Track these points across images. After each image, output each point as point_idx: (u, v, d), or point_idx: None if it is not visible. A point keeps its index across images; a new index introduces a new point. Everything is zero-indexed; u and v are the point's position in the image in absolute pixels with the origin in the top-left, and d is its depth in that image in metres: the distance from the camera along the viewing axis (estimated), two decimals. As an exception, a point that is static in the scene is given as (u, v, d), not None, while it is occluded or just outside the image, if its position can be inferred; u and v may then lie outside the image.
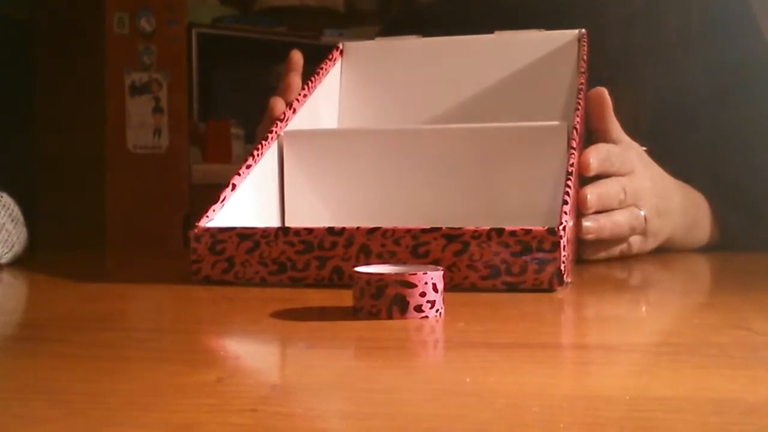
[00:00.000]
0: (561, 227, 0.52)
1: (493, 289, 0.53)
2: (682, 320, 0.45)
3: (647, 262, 0.72)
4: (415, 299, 0.44)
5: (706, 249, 0.82)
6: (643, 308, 0.49)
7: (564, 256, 0.52)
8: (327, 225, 0.57)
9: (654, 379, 0.32)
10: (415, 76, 0.82)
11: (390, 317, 0.44)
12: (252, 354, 0.40)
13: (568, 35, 0.78)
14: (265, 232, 0.57)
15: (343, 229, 0.55)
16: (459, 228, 0.53)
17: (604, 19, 0.91)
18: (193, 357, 0.38)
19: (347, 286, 0.48)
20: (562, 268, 0.52)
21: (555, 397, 0.30)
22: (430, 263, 0.53)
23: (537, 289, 0.52)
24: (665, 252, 0.76)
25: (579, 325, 0.45)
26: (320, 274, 0.56)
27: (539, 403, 0.29)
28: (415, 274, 0.44)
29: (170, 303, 0.55)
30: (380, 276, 0.45)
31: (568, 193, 0.56)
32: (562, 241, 0.52)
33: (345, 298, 0.49)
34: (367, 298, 0.45)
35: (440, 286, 0.45)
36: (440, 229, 0.53)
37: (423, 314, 0.44)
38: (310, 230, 0.56)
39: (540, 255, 0.52)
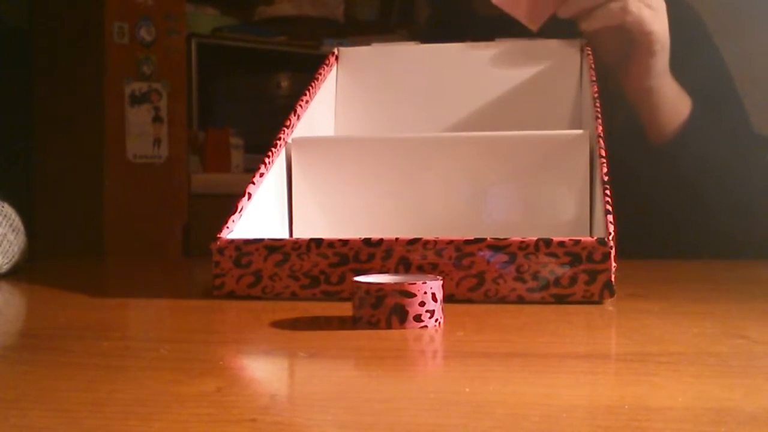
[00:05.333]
0: (611, 237, 0.51)
1: (542, 302, 0.52)
2: (680, 329, 0.45)
3: (644, 269, 0.72)
4: (414, 309, 0.44)
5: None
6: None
7: (614, 267, 0.51)
8: (335, 233, 0.55)
9: (653, 389, 0.33)
10: (412, 81, 0.81)
11: (389, 327, 0.44)
12: (251, 364, 0.40)
13: (570, 44, 0.78)
14: (295, 244, 0.54)
15: (381, 240, 0.53)
16: (505, 239, 0.52)
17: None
18: (193, 366, 0.38)
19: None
20: (613, 279, 0.51)
21: (554, 406, 0.30)
22: (474, 276, 0.53)
23: (587, 301, 0.52)
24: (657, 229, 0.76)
25: (577, 335, 0.45)
26: None
27: (539, 413, 0.29)
28: (414, 283, 0.44)
29: (169, 312, 0.55)
30: (379, 285, 0.45)
31: (609, 203, 0.55)
32: (612, 252, 0.51)
33: (345, 307, 0.49)
34: (367, 308, 0.45)
35: (439, 296, 0.45)
36: (485, 239, 0.52)
37: (422, 324, 0.44)
38: (345, 242, 0.54)
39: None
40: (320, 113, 0.78)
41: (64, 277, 0.75)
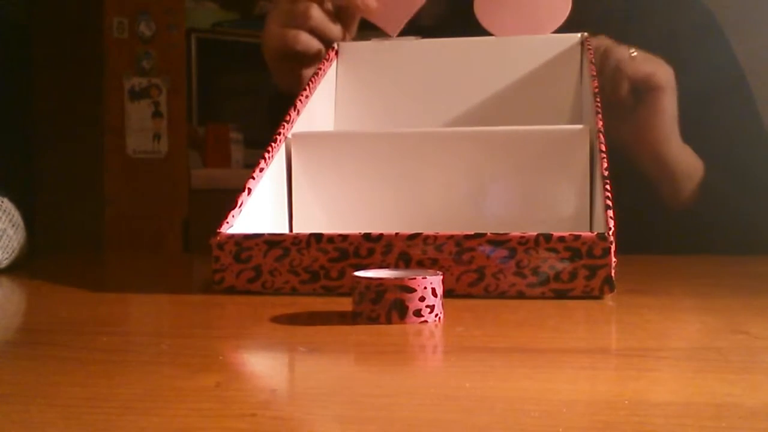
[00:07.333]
0: (611, 232, 0.52)
1: (542, 297, 0.52)
2: (681, 325, 0.45)
3: (644, 264, 0.72)
4: (414, 304, 0.44)
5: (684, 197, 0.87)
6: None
7: (615, 262, 0.51)
8: (335, 228, 0.55)
9: (653, 384, 0.33)
10: (411, 76, 0.81)
11: (389, 322, 0.44)
12: (251, 359, 0.40)
13: (570, 39, 0.78)
14: (296, 239, 0.54)
15: (381, 235, 0.53)
16: (505, 233, 0.52)
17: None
18: (193, 361, 0.38)
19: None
20: (613, 274, 0.51)
21: (554, 401, 0.30)
22: (474, 271, 0.53)
23: (587, 296, 0.52)
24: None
25: (577, 330, 0.45)
26: None
27: (538, 408, 0.29)
28: (414, 278, 0.44)
29: (169, 307, 0.55)
30: (379, 281, 0.44)
31: (609, 198, 0.55)
32: (612, 247, 0.51)
33: (344, 302, 0.49)
34: (367, 303, 0.45)
35: (439, 291, 0.45)
36: (485, 234, 0.52)
37: (422, 319, 0.44)
38: (344, 237, 0.54)
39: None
40: (320, 108, 0.78)
41: (63, 272, 0.75)
